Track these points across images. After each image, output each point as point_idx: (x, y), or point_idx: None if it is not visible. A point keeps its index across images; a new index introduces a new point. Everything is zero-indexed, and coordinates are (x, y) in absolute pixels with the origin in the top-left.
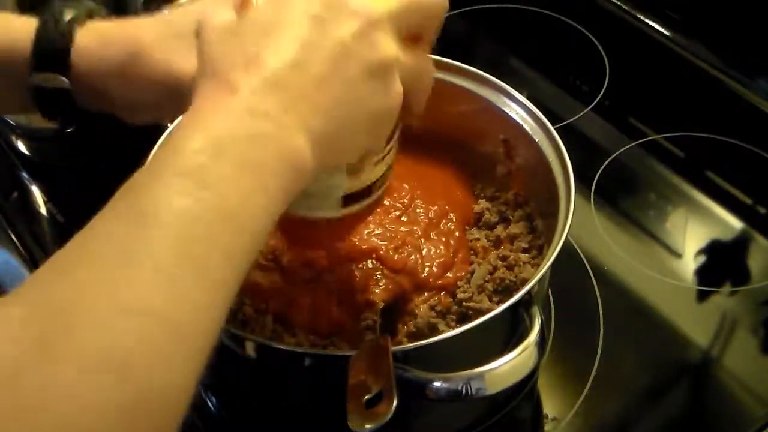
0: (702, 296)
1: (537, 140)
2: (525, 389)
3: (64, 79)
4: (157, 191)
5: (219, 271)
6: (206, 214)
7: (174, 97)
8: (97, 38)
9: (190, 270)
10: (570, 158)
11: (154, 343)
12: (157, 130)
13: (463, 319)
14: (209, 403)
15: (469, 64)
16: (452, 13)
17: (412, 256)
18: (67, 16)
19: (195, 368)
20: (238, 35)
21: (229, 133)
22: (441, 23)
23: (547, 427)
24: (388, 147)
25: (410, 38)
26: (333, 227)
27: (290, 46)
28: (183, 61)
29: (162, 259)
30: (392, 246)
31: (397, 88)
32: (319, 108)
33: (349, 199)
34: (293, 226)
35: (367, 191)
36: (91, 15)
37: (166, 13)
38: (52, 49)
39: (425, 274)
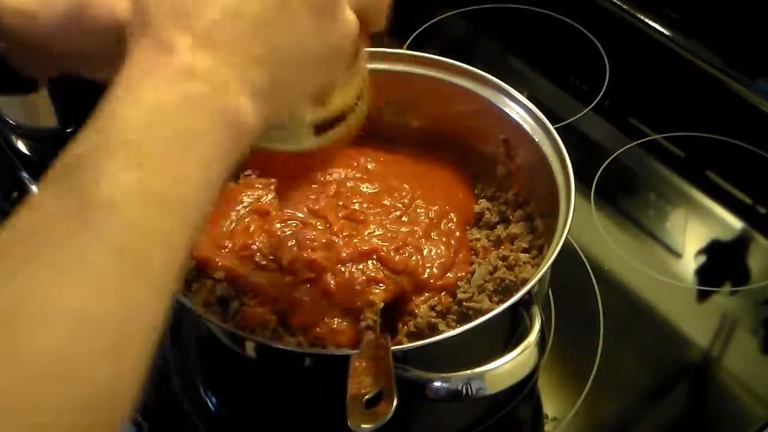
0: (702, 296)
1: (537, 140)
2: (525, 389)
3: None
4: (88, 177)
5: (156, 259)
6: (139, 201)
7: (123, 44)
8: None
9: (124, 263)
10: (570, 158)
11: (93, 344)
12: None
13: (463, 319)
14: (209, 403)
15: (469, 64)
16: (452, 13)
17: (413, 258)
18: None
19: (139, 362)
20: None
21: (162, 100)
22: None
23: (547, 427)
24: (353, 71)
25: None
26: (315, 158)
27: None
28: (126, 3)
29: (95, 254)
30: (393, 247)
31: (347, 16)
32: (260, 57)
33: (321, 128)
34: (273, 163)
35: (340, 117)
36: None
37: None
38: None
39: (426, 275)
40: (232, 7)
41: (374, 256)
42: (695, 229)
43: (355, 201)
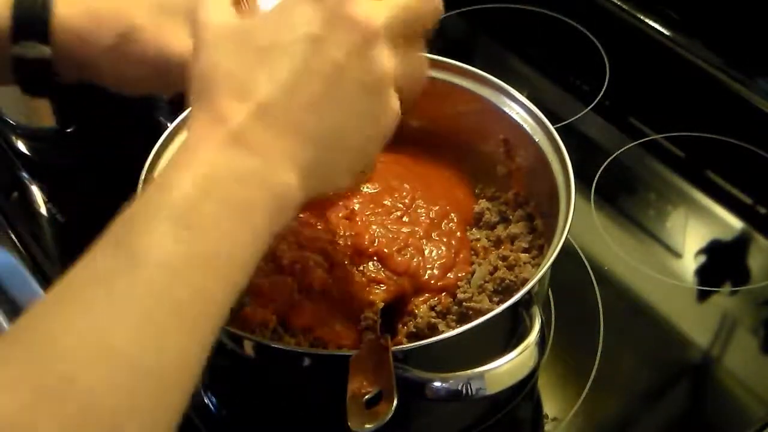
0: (702, 296)
1: (537, 140)
2: (525, 389)
3: (45, 48)
4: (145, 234)
5: (200, 317)
6: (191, 261)
7: (164, 74)
8: (87, 14)
9: (170, 316)
10: (570, 158)
11: (122, 388)
12: (157, 131)
13: (463, 319)
14: (209, 403)
15: (469, 64)
16: (452, 13)
17: (415, 259)
18: None
19: (168, 417)
20: (234, 49)
21: (217, 171)
22: (436, 23)
23: (547, 427)
24: None
25: (405, 39)
26: (314, 205)
27: (284, 72)
28: (174, 41)
29: (143, 304)
30: (395, 248)
31: (393, 104)
32: (311, 136)
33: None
34: None
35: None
36: None
37: None
38: (30, 17)
39: (426, 277)
40: (290, 83)
41: (375, 257)
42: (695, 229)
43: (355, 201)
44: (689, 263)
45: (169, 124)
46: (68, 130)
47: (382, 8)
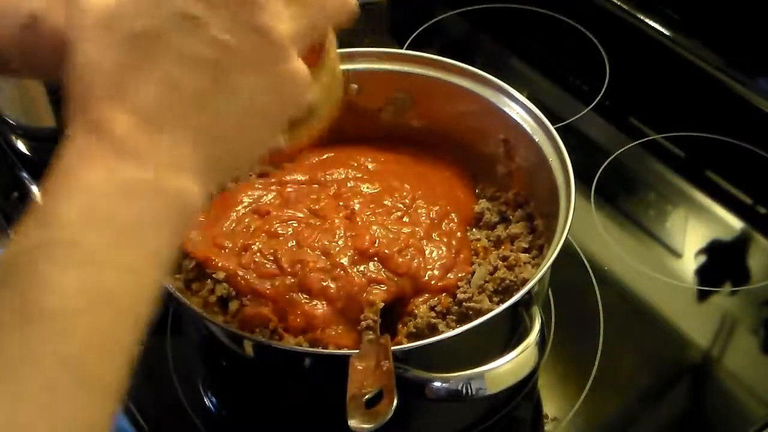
0: (702, 296)
1: (537, 140)
2: (525, 389)
3: None
4: (28, 283)
5: (102, 363)
6: (81, 305)
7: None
8: None
9: (70, 373)
10: (570, 158)
11: None
12: None
13: (463, 319)
14: (209, 403)
15: (469, 64)
16: (452, 13)
17: (415, 260)
18: None
19: None
20: (108, 40)
21: (103, 190)
22: None
23: (547, 427)
24: (316, 70)
25: None
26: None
27: (162, 64)
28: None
29: (39, 368)
30: (395, 248)
31: (296, 68)
32: (203, 130)
33: (291, 125)
34: None
35: (308, 113)
36: None
37: None
38: None
39: (427, 278)
40: (171, 80)
41: (375, 258)
42: (695, 229)
43: (355, 201)
44: (689, 263)
45: None
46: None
47: None
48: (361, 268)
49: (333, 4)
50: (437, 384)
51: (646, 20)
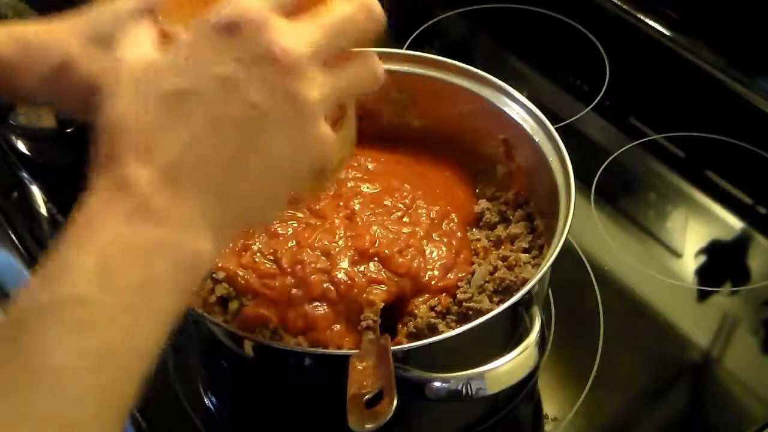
0: (702, 296)
1: (537, 140)
2: (525, 389)
3: None
4: (34, 343)
5: (103, 423)
6: (87, 367)
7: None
8: (17, 47)
9: None
10: (570, 158)
11: None
12: None
13: (463, 319)
14: (209, 403)
15: (469, 64)
16: (452, 13)
17: (415, 260)
18: None
19: None
20: (142, 96)
21: (120, 248)
22: (380, 32)
23: (547, 427)
24: (337, 129)
25: (342, 55)
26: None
27: (193, 125)
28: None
29: (44, 429)
30: (395, 249)
31: (322, 132)
32: (227, 192)
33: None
34: None
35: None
36: (2, 13)
37: (91, 12)
38: None
39: (427, 278)
40: (200, 140)
41: (375, 258)
42: (695, 229)
43: (355, 201)
44: (689, 263)
45: None
46: (68, 130)
47: (306, 32)
48: (362, 269)
49: (364, 73)
50: (437, 384)
51: (646, 20)
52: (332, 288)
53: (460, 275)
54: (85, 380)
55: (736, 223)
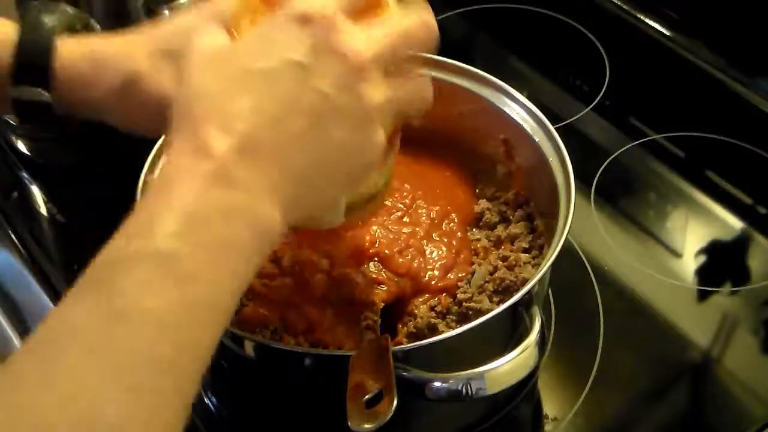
0: (702, 296)
1: (537, 140)
2: (525, 389)
3: (45, 93)
4: (127, 285)
5: (185, 371)
6: (176, 313)
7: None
8: (89, 60)
9: (155, 376)
10: (570, 158)
11: None
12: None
13: (463, 319)
14: (209, 403)
15: (469, 64)
16: (452, 13)
17: (416, 261)
18: (47, 24)
19: None
20: (219, 73)
21: (200, 210)
22: (434, 49)
23: (547, 427)
24: (388, 159)
25: (401, 66)
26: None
27: (269, 101)
28: (176, 86)
29: (126, 365)
30: (396, 249)
31: (378, 138)
32: (294, 169)
33: (351, 208)
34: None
35: (369, 199)
36: (72, 25)
37: (159, 26)
38: (32, 63)
39: (427, 278)
40: (275, 114)
41: (376, 258)
42: (695, 229)
43: None
44: (689, 263)
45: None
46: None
47: (373, 39)
48: (362, 269)
49: (418, 91)
50: (437, 384)
51: (646, 20)
52: (332, 288)
53: (460, 275)
54: (173, 330)
55: (736, 223)
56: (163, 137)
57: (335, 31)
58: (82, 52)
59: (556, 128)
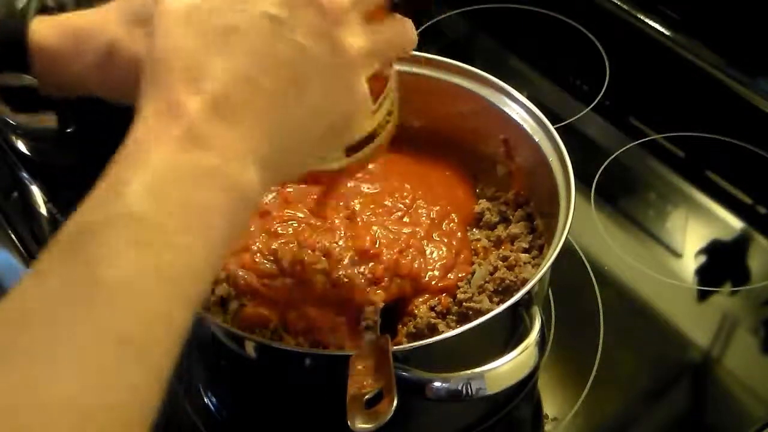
0: (702, 296)
1: (537, 140)
2: (525, 389)
3: (28, 77)
4: (92, 254)
5: (157, 344)
6: (143, 281)
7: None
8: (63, 36)
9: (127, 352)
10: (570, 158)
11: None
12: None
13: (463, 319)
14: (209, 403)
15: (469, 64)
16: (452, 13)
17: (416, 261)
18: (18, 6)
19: None
20: (191, 30)
21: (172, 171)
22: None
23: (547, 427)
24: (381, 97)
25: (381, 10)
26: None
27: (242, 58)
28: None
29: (97, 345)
30: (396, 249)
31: (359, 88)
32: (270, 127)
33: (351, 149)
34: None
35: (369, 138)
36: (44, 5)
37: None
38: (8, 49)
39: (427, 278)
40: (248, 70)
41: (376, 258)
42: (695, 229)
43: (356, 201)
44: (689, 263)
45: None
46: (68, 130)
47: None
48: (362, 269)
49: (400, 32)
50: (437, 384)
51: (646, 20)
52: (332, 288)
53: (460, 275)
54: (144, 299)
55: (736, 223)
56: None
57: None
58: (57, 30)
59: (556, 128)
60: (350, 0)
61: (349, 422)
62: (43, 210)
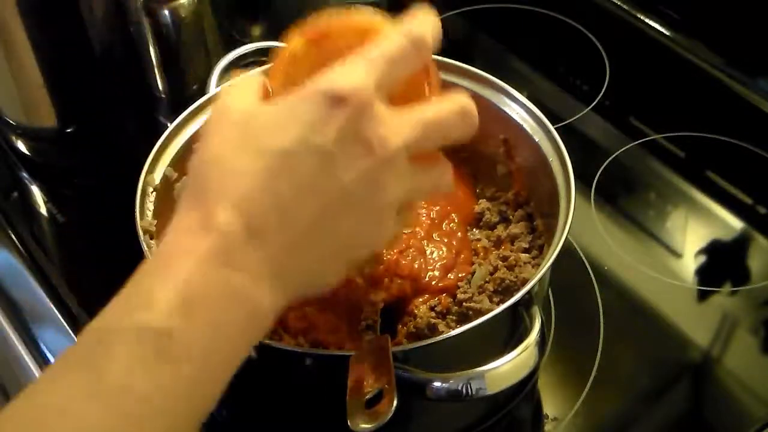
0: (702, 296)
1: (537, 140)
2: (525, 389)
3: None
4: (113, 364)
5: None
6: (163, 396)
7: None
8: None
9: None
10: (570, 158)
11: None
12: (157, 131)
13: (463, 319)
14: None
15: (469, 64)
16: (452, 13)
17: (416, 262)
18: None
19: None
20: (240, 144)
21: (199, 290)
22: (468, 138)
23: (547, 427)
24: None
25: (429, 154)
26: None
27: (283, 184)
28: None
29: None
30: (396, 250)
31: (389, 230)
32: (298, 256)
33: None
34: None
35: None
36: None
37: None
38: None
39: (427, 279)
40: (286, 201)
41: (376, 259)
42: (695, 229)
43: None
44: (689, 263)
45: (169, 124)
46: (68, 130)
47: (405, 126)
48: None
49: (440, 180)
50: (437, 384)
51: (646, 20)
52: (332, 288)
53: (460, 275)
54: (160, 419)
55: (736, 223)
56: (163, 136)
57: (366, 117)
58: None
59: (556, 128)
60: (402, 143)
61: (349, 422)
62: (43, 210)
